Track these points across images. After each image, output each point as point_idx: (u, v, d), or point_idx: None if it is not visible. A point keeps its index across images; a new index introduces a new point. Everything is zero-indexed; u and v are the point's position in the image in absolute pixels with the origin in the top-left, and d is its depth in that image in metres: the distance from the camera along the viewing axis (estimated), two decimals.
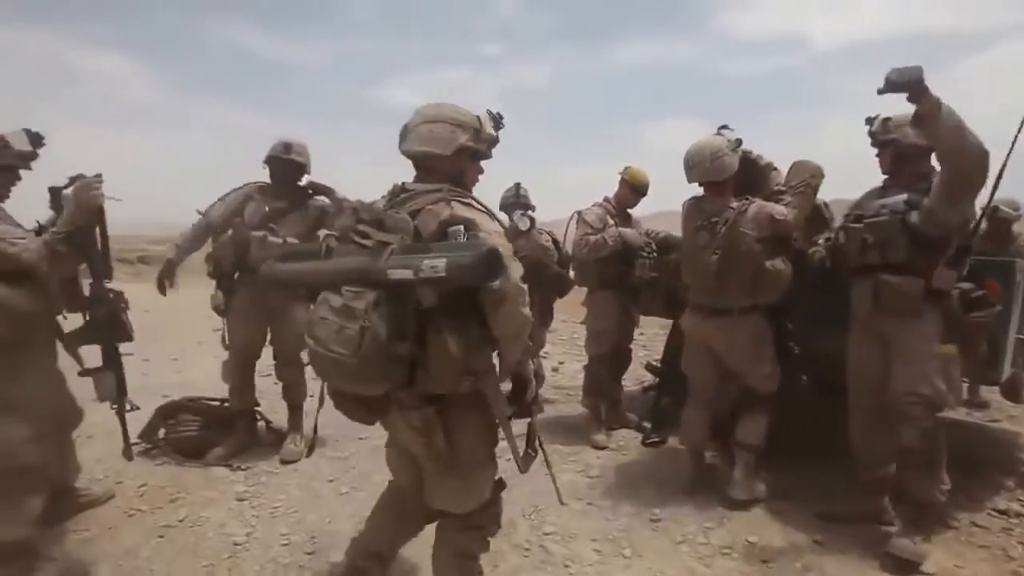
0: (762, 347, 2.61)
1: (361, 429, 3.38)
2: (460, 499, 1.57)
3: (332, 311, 1.32)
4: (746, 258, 2.46)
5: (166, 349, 5.05)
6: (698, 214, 2.64)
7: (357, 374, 1.31)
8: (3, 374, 1.94)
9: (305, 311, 2.99)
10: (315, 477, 2.85)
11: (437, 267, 1.22)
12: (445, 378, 1.37)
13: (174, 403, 3.10)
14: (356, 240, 1.42)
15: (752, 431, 2.65)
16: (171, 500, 2.59)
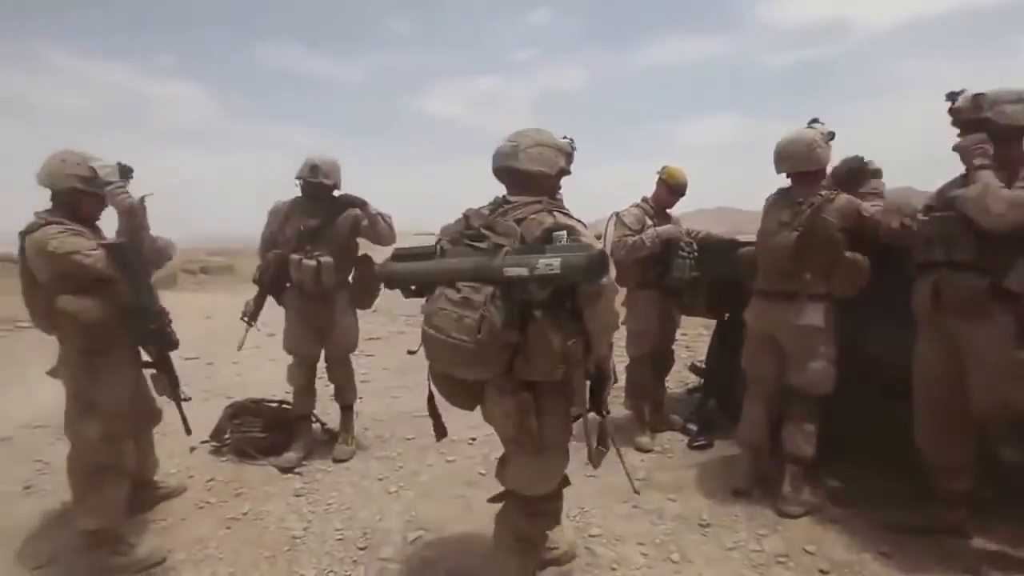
0: (823, 341, 2.50)
1: (407, 431, 3.55)
2: (534, 481, 1.71)
3: (451, 303, 1.50)
4: (826, 243, 2.42)
5: (228, 353, 5.35)
6: (783, 199, 2.63)
7: (473, 358, 1.48)
8: (83, 377, 2.14)
9: (353, 320, 3.17)
10: (365, 476, 2.99)
11: (552, 265, 1.40)
12: (542, 366, 1.54)
13: (240, 404, 3.31)
14: (469, 243, 1.62)
15: (800, 441, 2.55)
16: (236, 494, 2.78)
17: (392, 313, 8.04)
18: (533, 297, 1.47)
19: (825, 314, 2.49)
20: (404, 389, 4.48)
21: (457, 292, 1.51)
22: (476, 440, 3.44)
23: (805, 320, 2.49)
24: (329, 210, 3.03)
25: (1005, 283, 1.94)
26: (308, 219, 3.00)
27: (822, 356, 2.50)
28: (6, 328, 6.37)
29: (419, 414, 3.88)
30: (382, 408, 4.01)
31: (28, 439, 3.50)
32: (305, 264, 2.93)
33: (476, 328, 1.44)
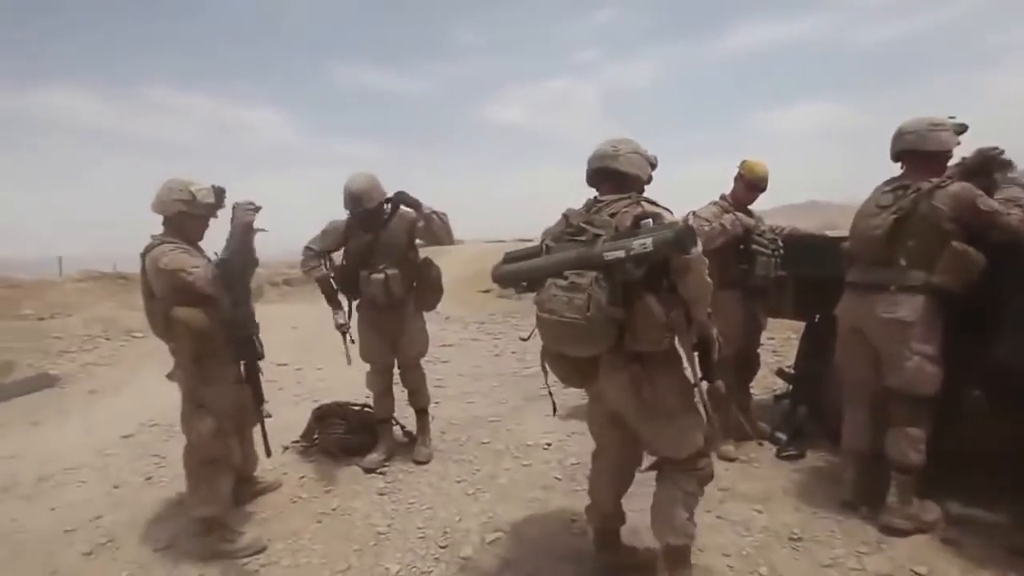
0: (915, 337, 2.30)
1: (483, 435, 3.63)
2: (678, 444, 1.89)
3: (560, 288, 1.71)
4: (931, 229, 2.25)
5: (313, 359, 5.72)
6: (888, 184, 2.48)
7: (584, 335, 1.68)
8: (194, 379, 2.38)
9: (422, 325, 3.29)
10: (444, 477, 3.08)
11: (646, 244, 1.60)
12: (650, 336, 1.73)
13: (326, 407, 3.52)
14: (571, 237, 1.84)
15: (904, 447, 2.34)
16: (325, 491, 2.96)
17: (465, 321, 8.25)
18: (632, 276, 1.65)
19: (921, 308, 2.28)
20: (479, 395, 4.58)
21: (564, 279, 1.71)
22: (551, 445, 3.46)
23: (894, 313, 2.31)
24: (381, 220, 3.10)
25: None
26: (365, 234, 3.10)
27: (915, 353, 2.29)
28: (125, 338, 7.14)
29: (493, 419, 3.97)
30: (458, 412, 4.12)
31: (147, 436, 3.90)
32: (374, 279, 3.06)
33: (585, 306, 1.64)
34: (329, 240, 3.20)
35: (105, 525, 2.71)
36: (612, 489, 2.16)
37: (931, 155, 2.36)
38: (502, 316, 8.92)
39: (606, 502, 2.17)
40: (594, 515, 2.21)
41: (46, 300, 8.80)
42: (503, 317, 8.79)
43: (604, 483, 2.17)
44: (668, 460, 1.95)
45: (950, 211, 2.23)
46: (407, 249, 3.16)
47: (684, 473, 1.93)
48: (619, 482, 2.16)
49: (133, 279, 11.43)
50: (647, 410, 1.84)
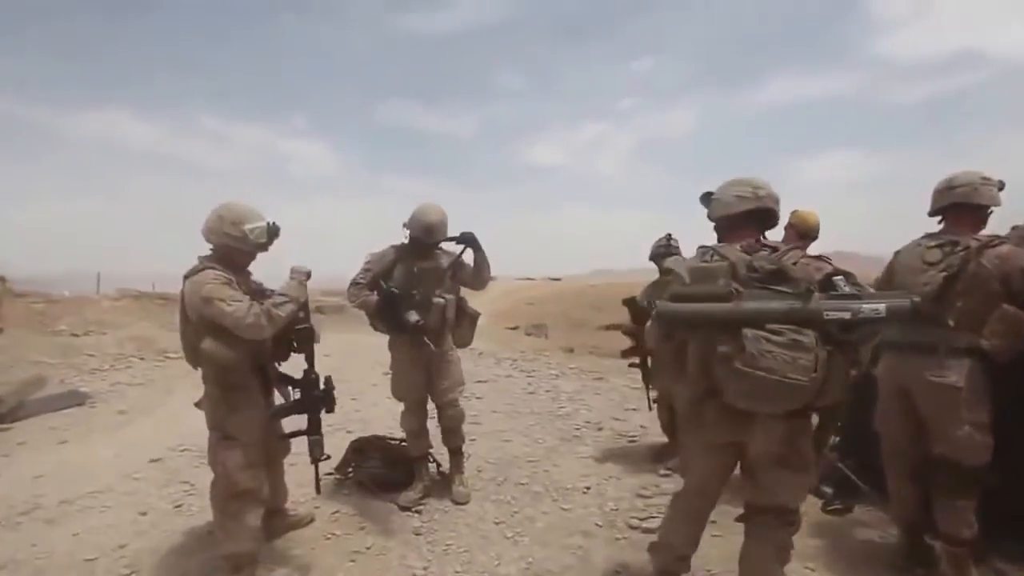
0: (966, 403, 2.19)
1: (521, 476, 3.56)
2: (797, 493, 1.91)
3: (779, 346, 1.60)
4: (980, 290, 2.16)
5: (347, 389, 5.72)
6: (932, 239, 2.39)
7: (803, 395, 1.62)
8: (221, 408, 2.34)
9: (457, 360, 3.27)
10: (482, 519, 3.01)
11: (879, 309, 1.58)
12: (834, 394, 1.69)
13: (364, 439, 3.51)
14: (763, 286, 1.74)
15: (954, 519, 2.22)
16: (359, 528, 2.92)
17: (497, 357, 8.21)
18: (841, 338, 1.62)
19: (969, 372, 2.18)
20: (514, 433, 4.51)
21: (780, 335, 1.60)
22: (590, 489, 3.37)
23: (943, 377, 2.20)
24: (434, 250, 3.16)
25: None
26: (418, 261, 3.12)
27: (965, 420, 2.17)
28: (158, 359, 7.28)
29: (531, 459, 3.89)
30: (494, 451, 4.06)
31: (177, 461, 3.88)
32: (435, 302, 3.06)
33: (812, 367, 1.58)
34: (378, 271, 3.20)
35: (129, 555, 2.66)
36: (697, 531, 2.14)
37: (979, 209, 2.31)
38: (533, 353, 8.86)
39: (684, 545, 2.14)
40: (662, 554, 2.17)
41: (82, 316, 8.90)
42: (534, 354, 8.73)
43: (690, 526, 2.13)
44: (772, 509, 1.91)
45: (998, 272, 2.15)
46: (449, 283, 3.18)
47: (783, 527, 1.91)
48: (703, 525, 2.15)
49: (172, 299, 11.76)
50: (792, 459, 1.82)
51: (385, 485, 3.25)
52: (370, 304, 3.11)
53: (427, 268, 3.13)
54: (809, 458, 1.85)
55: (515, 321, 13.65)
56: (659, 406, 3.74)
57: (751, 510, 1.96)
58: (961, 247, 2.24)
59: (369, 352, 7.28)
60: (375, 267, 3.19)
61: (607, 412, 5.07)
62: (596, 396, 5.74)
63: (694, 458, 2.09)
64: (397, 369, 3.27)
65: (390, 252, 3.21)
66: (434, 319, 3.06)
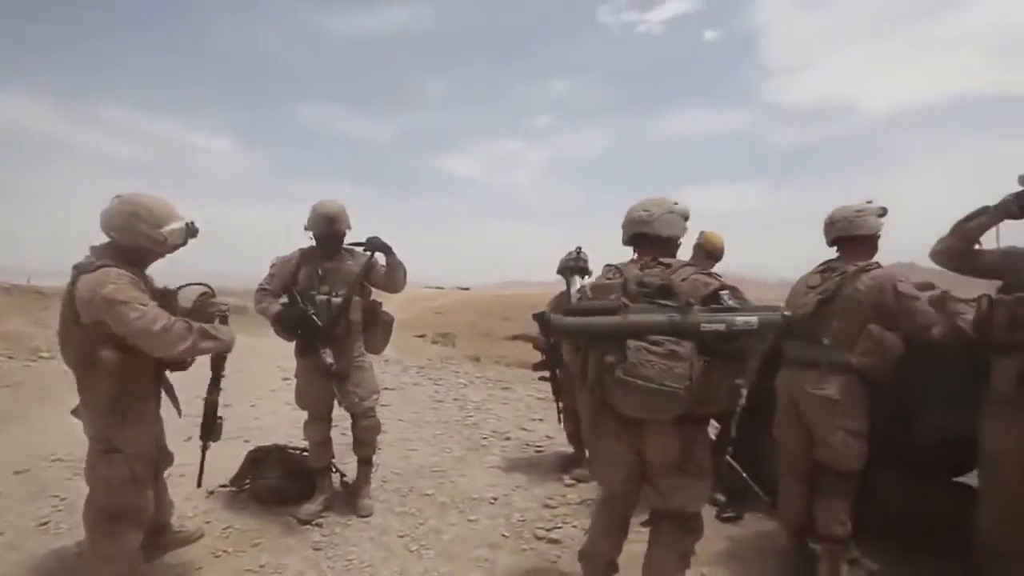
0: (841, 414, 2.38)
1: (426, 486, 3.48)
2: (696, 500, 1.97)
3: (656, 355, 1.68)
4: (853, 312, 2.36)
5: (245, 395, 5.33)
6: (821, 266, 2.62)
7: (679, 402, 1.69)
8: (109, 418, 2.06)
9: (369, 367, 3.14)
10: (386, 532, 2.90)
11: (751, 322, 1.67)
12: (717, 402, 1.80)
13: (263, 449, 3.26)
14: (650, 300, 1.83)
15: (830, 518, 2.43)
16: (253, 544, 2.70)
17: (404, 364, 8.03)
18: (718, 349, 1.71)
19: (844, 386, 2.39)
20: (421, 442, 4.42)
21: (658, 345, 1.69)
22: (497, 500, 3.37)
23: (822, 390, 2.42)
24: (341, 251, 3.07)
25: None
26: (324, 262, 3.01)
27: (841, 429, 2.39)
28: (31, 359, 6.36)
29: (436, 469, 3.83)
30: (400, 461, 3.94)
31: (47, 473, 3.42)
32: (332, 302, 2.93)
33: (687, 375, 1.67)
34: (283, 274, 3.06)
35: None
36: (619, 537, 2.19)
37: (861, 239, 2.53)
38: (440, 361, 8.78)
39: (609, 551, 2.18)
40: (592, 563, 2.19)
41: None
42: (441, 363, 8.65)
43: (612, 532, 2.18)
44: (673, 515, 1.98)
45: (871, 294, 2.36)
46: (359, 286, 3.07)
47: (684, 533, 1.98)
48: (624, 531, 2.20)
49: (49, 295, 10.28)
50: (688, 466, 1.89)
51: (284, 498, 3.04)
52: (270, 313, 2.98)
53: (331, 269, 3.02)
54: (705, 465, 1.93)
55: (422, 329, 13.48)
56: (565, 417, 3.83)
57: (654, 516, 2.03)
58: (838, 273, 2.48)
59: (270, 356, 6.82)
60: (279, 271, 3.06)
61: (514, 422, 5.12)
62: (503, 406, 5.78)
63: (602, 467, 2.16)
64: (302, 376, 3.09)
65: (295, 255, 3.08)
66: (324, 315, 2.91)
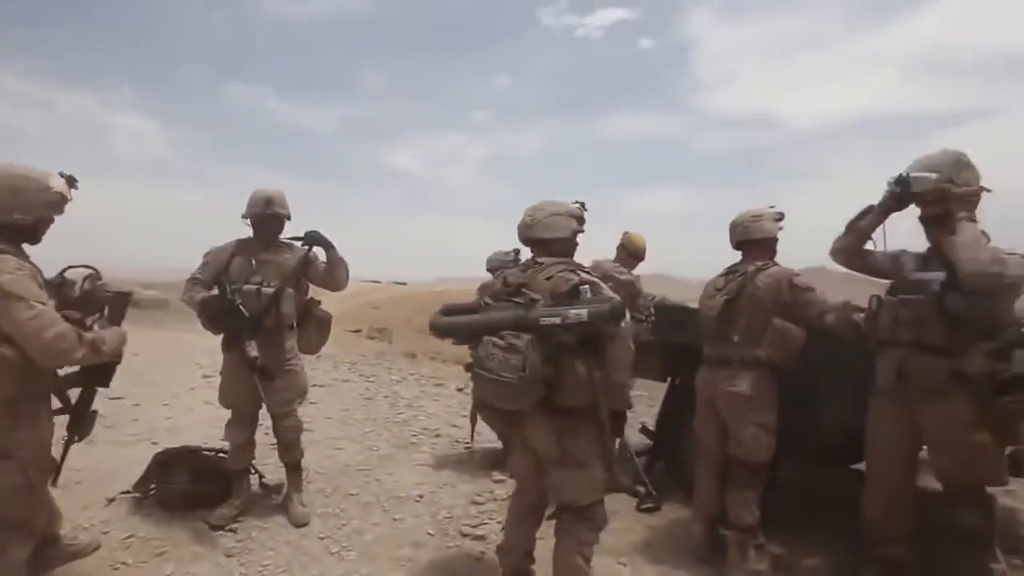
0: (752, 409, 2.52)
1: (351, 486, 3.38)
2: (585, 491, 2.00)
3: (498, 348, 1.80)
4: (756, 309, 2.50)
5: (157, 393, 4.96)
6: (726, 269, 2.75)
7: (519, 392, 1.79)
8: (3, 423, 1.84)
9: (300, 367, 2.99)
10: (305, 535, 2.78)
11: (581, 314, 1.75)
12: (576, 393, 1.89)
13: (172, 451, 3.03)
14: (508, 299, 1.94)
15: (741, 509, 2.55)
16: (157, 554, 2.51)
17: (336, 360, 7.77)
18: (564, 340, 1.81)
19: (754, 382, 2.52)
20: (348, 440, 4.29)
21: (502, 339, 1.81)
22: (423, 497, 3.31)
23: (734, 387, 2.55)
24: (279, 243, 2.93)
25: (962, 367, 2.03)
26: (260, 253, 2.86)
27: (752, 424, 2.52)
28: None
29: (363, 468, 3.73)
30: (325, 460, 3.80)
31: None
32: (262, 291, 2.76)
33: (521, 367, 1.75)
34: (216, 264, 2.86)
35: None
36: (531, 528, 2.24)
37: (760, 242, 2.67)
38: (375, 357, 8.58)
39: (523, 542, 2.23)
40: (509, 555, 2.24)
41: None
42: (376, 358, 8.45)
43: (523, 522, 2.23)
44: (568, 507, 2.03)
45: (770, 290, 2.50)
46: (294, 279, 2.90)
47: (581, 523, 2.02)
48: (536, 521, 2.25)
49: None
50: (565, 458, 1.95)
51: (195, 503, 2.84)
52: (195, 302, 2.78)
53: (266, 260, 2.86)
54: (586, 456, 1.96)
55: (358, 324, 13.10)
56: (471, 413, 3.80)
57: (556, 508, 2.09)
58: (739, 274, 2.63)
59: (189, 352, 6.41)
60: (213, 260, 2.88)
61: (445, 418, 5.07)
62: (435, 402, 5.71)
63: (512, 459, 2.28)
64: (227, 372, 2.90)
65: (231, 245, 2.91)
66: (252, 306, 2.73)
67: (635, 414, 5.16)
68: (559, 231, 2.12)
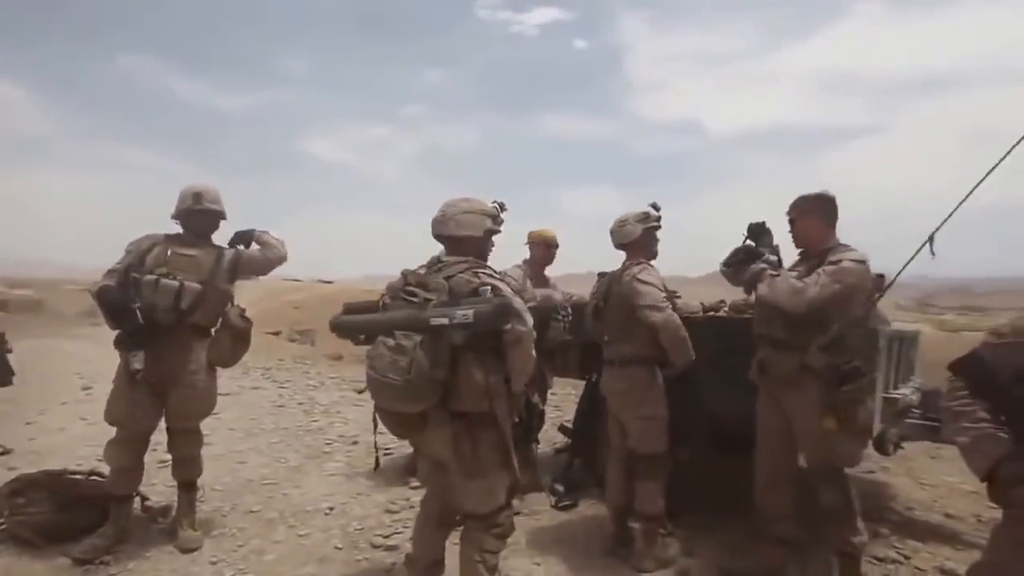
0: (639, 403, 2.57)
1: (252, 502, 3.08)
2: (483, 500, 1.90)
3: (388, 349, 1.74)
4: (624, 308, 2.55)
5: (19, 411, 4.30)
6: (601, 273, 2.82)
7: (405, 394, 1.73)
8: None
9: (210, 380, 2.70)
10: (195, 560, 2.48)
11: (467, 315, 1.70)
12: (470, 398, 1.81)
13: (27, 478, 2.59)
14: (405, 297, 1.87)
15: (646, 500, 2.60)
16: None
17: (247, 366, 7.20)
18: (455, 341, 1.73)
19: (632, 377, 2.59)
20: (253, 452, 3.94)
21: (392, 339, 1.75)
22: (333, 510, 3.08)
23: (615, 384, 2.65)
24: (210, 242, 2.70)
25: (806, 361, 2.23)
26: (186, 248, 2.58)
27: (636, 418, 2.59)
28: None
29: (268, 482, 3.42)
30: (224, 475, 3.45)
31: None
32: (165, 284, 2.43)
33: (407, 369, 1.69)
34: (137, 254, 2.54)
35: None
36: (439, 536, 2.13)
37: (629, 245, 2.66)
38: (292, 361, 8.07)
39: (430, 551, 2.12)
40: (416, 565, 2.12)
41: None
42: (292, 363, 7.96)
43: (431, 529, 2.12)
44: (471, 516, 1.95)
45: (626, 289, 2.55)
46: (219, 281, 2.61)
47: (484, 531, 1.93)
48: (445, 528, 2.14)
49: None
50: (465, 465, 1.87)
51: (58, 535, 2.45)
52: (94, 291, 2.49)
53: (184, 255, 2.56)
54: (485, 464, 1.87)
55: (277, 326, 12.31)
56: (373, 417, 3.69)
57: (461, 516, 2.02)
58: (608, 277, 2.70)
59: (67, 362, 5.66)
60: (134, 250, 2.56)
61: (364, 424, 4.77)
62: (355, 407, 5.41)
63: (419, 463, 2.21)
64: (119, 383, 2.51)
65: (154, 237, 2.62)
66: (163, 304, 2.44)
67: (562, 412, 5.18)
68: (470, 229, 2.03)
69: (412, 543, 2.17)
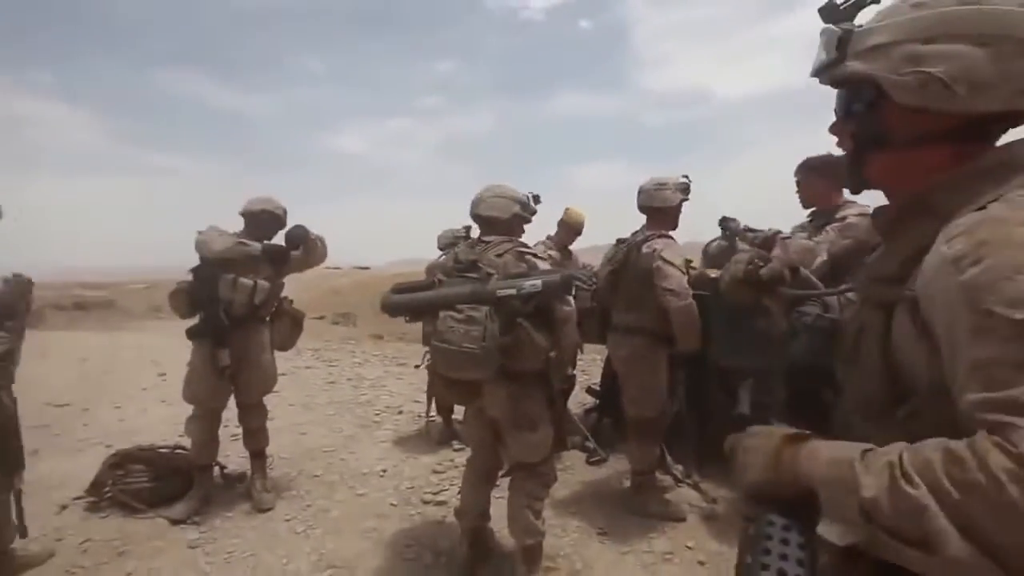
0: (640, 370, 2.63)
1: (316, 468, 3.32)
2: (533, 451, 2.04)
3: (457, 321, 1.81)
4: (640, 278, 2.54)
5: (108, 397, 4.68)
6: (619, 240, 2.79)
7: (479, 361, 1.79)
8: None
9: (272, 360, 2.92)
10: (270, 519, 2.72)
11: (536, 284, 1.80)
12: (528, 359, 1.91)
13: (124, 453, 2.87)
14: (461, 274, 1.96)
15: (635, 458, 2.74)
16: (118, 553, 2.40)
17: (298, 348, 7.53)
18: (520, 311, 1.83)
19: (635, 346, 2.62)
20: (312, 424, 4.19)
21: (460, 312, 1.83)
22: (387, 472, 3.29)
23: (619, 350, 2.70)
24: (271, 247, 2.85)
25: None
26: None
27: (634, 386, 2.65)
28: None
29: (327, 449, 3.66)
30: (289, 445, 3.71)
31: None
32: (242, 283, 2.66)
33: (481, 337, 1.77)
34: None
35: None
36: (485, 490, 2.28)
37: (661, 211, 2.61)
38: (338, 343, 8.39)
39: (478, 503, 2.26)
40: (466, 516, 2.27)
41: None
42: (339, 343, 8.27)
43: (477, 485, 2.26)
44: (521, 465, 2.08)
45: (647, 261, 2.50)
46: (276, 275, 2.84)
47: (532, 478, 2.08)
48: (489, 483, 2.29)
49: None
50: (519, 420, 2.00)
51: (154, 500, 2.72)
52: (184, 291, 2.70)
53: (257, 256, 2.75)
54: (536, 419, 2.00)
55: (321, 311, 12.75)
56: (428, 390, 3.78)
57: (510, 467, 2.15)
58: (626, 245, 2.65)
59: (141, 351, 6.07)
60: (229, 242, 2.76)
61: (408, 395, 5.03)
62: (398, 381, 5.65)
63: (467, 426, 2.31)
64: (195, 367, 2.76)
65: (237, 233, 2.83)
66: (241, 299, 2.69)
67: (588, 376, 5.30)
68: (497, 211, 2.14)
69: (460, 498, 2.33)
